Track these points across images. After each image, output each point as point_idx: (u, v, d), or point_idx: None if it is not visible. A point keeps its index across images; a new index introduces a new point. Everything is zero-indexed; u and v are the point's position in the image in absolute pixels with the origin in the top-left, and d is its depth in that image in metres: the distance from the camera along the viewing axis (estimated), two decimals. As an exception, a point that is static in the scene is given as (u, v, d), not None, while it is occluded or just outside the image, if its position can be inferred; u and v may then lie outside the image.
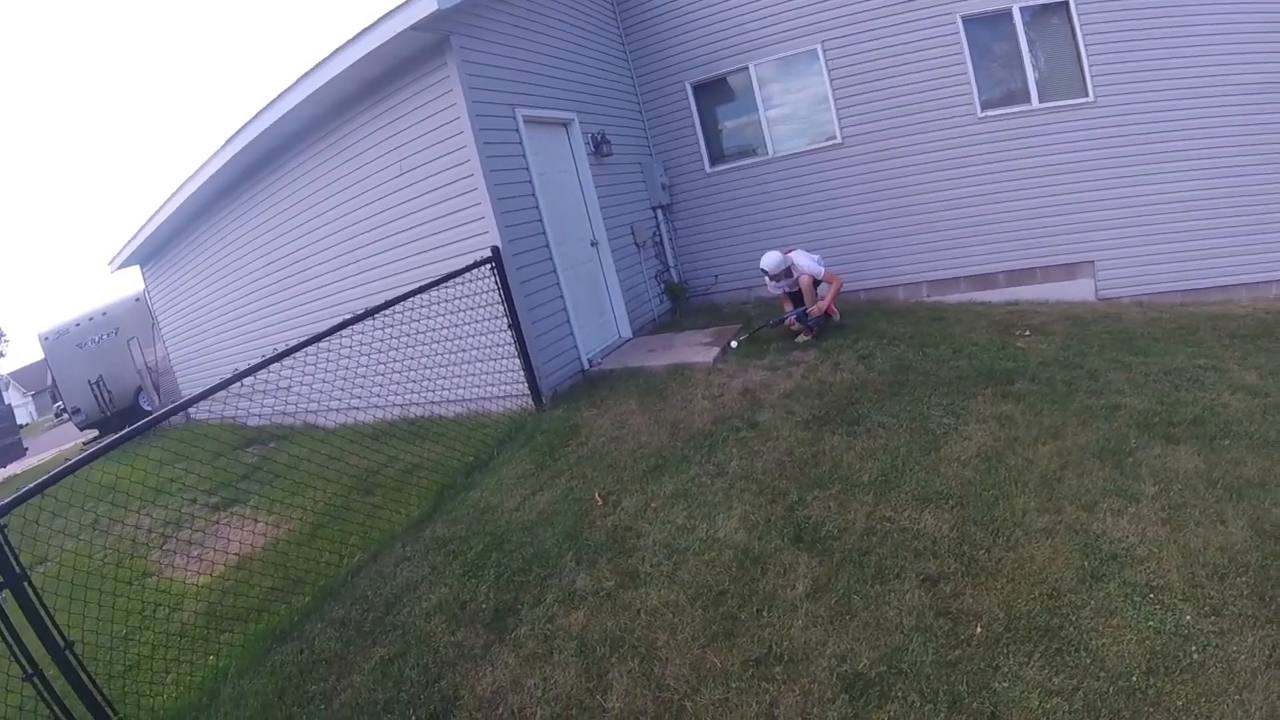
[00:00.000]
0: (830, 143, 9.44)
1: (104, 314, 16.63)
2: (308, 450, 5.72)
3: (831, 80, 9.24)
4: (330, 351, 5.15)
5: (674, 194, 10.31)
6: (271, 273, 9.09)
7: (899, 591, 3.48)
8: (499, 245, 6.38)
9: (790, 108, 9.73)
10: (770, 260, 7.05)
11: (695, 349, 7.41)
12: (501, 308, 6.40)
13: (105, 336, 16.30)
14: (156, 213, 10.25)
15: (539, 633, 3.71)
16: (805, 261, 7.12)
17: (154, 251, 11.88)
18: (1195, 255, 8.46)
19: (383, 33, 6.00)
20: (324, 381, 5.74)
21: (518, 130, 7.04)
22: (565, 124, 8.18)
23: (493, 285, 6.34)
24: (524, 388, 6.69)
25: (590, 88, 8.79)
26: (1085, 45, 8.35)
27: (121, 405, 16.20)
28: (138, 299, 15.12)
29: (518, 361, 6.57)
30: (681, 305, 9.96)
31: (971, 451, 4.65)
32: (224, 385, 4.42)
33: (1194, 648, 2.79)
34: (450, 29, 6.28)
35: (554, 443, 5.87)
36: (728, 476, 4.80)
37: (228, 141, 8.01)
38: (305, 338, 4.90)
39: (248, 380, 4.43)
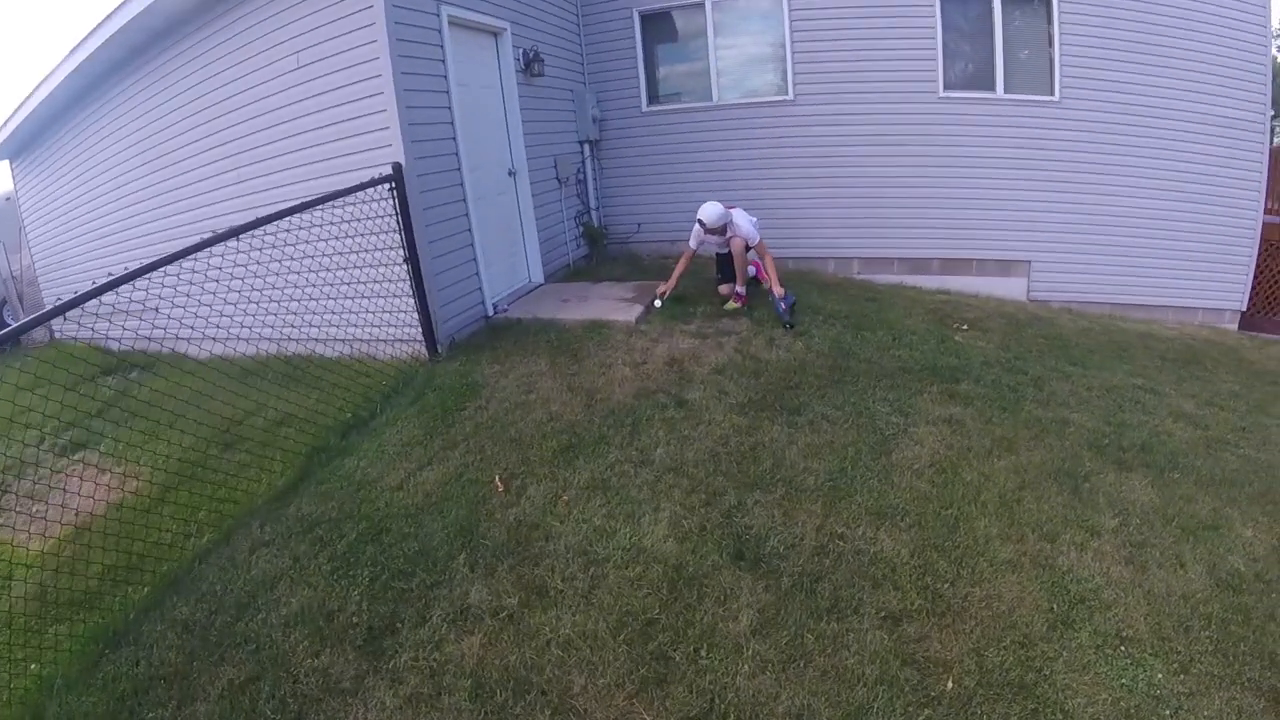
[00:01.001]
0: (781, 98, 8.73)
1: None
2: (170, 385, 4.72)
3: (792, 30, 8.50)
4: (198, 273, 4.10)
5: (605, 130, 9.37)
6: (145, 176, 7.70)
7: (858, 631, 2.97)
8: (402, 162, 5.39)
9: (743, 55, 8.95)
10: (711, 212, 6.28)
11: (615, 304, 6.63)
12: (398, 236, 5.44)
13: (-33, 238, 14.09)
14: (26, 99, 8.63)
15: (424, 664, 2.92)
16: (743, 222, 6.41)
17: (24, 145, 10.07)
18: (1129, 271, 8.54)
19: None
20: (194, 305, 4.71)
21: (440, 31, 6.01)
22: (496, 33, 7.14)
23: (390, 209, 5.36)
24: (417, 332, 5.77)
25: (529, -4, 7.75)
26: (1060, 43, 8.07)
27: None
28: (7, 198, 13.06)
29: (412, 301, 5.64)
30: (599, 252, 9.13)
31: (925, 460, 4.22)
32: (75, 302, 3.47)
33: (1167, 710, 2.63)
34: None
35: (448, 403, 5.03)
36: (654, 466, 4.09)
37: (105, 19, 6.68)
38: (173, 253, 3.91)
39: (109, 299, 3.53)
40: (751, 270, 6.93)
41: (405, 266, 5.52)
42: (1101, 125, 8.20)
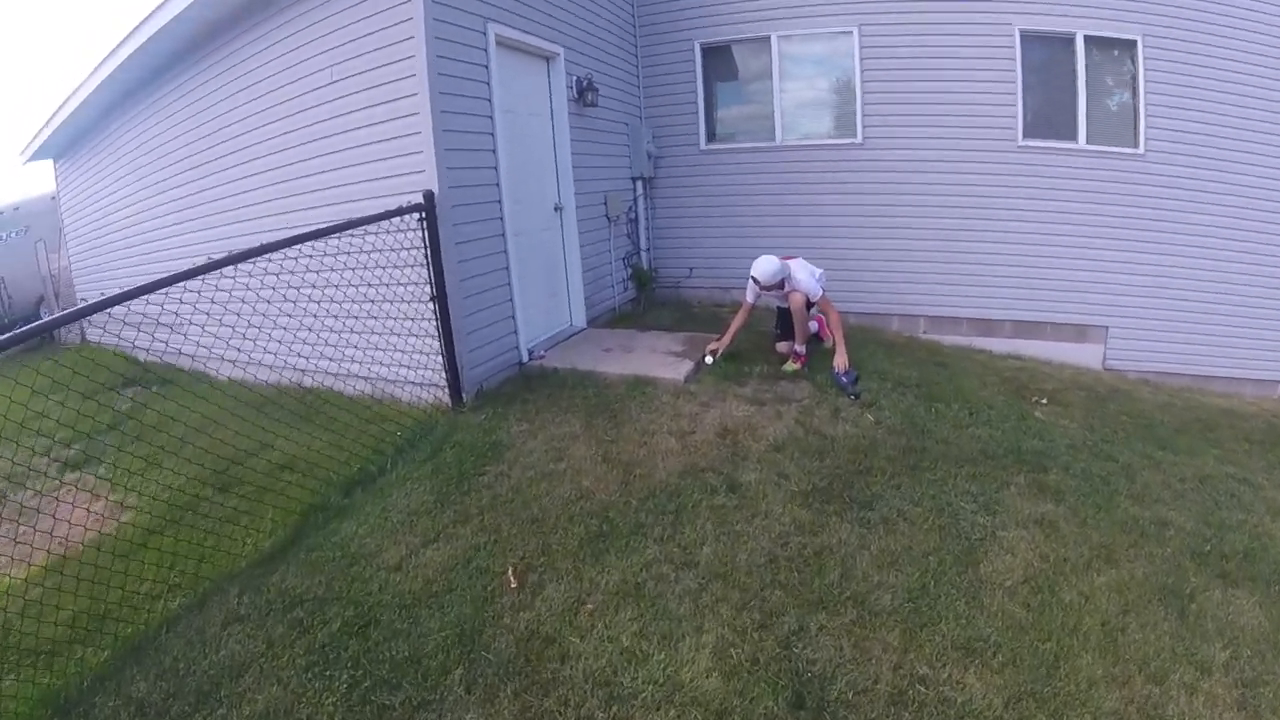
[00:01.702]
0: (848, 140, 8.15)
1: (16, 209, 14.34)
2: (182, 408, 4.33)
3: (863, 70, 7.94)
4: (222, 291, 3.81)
5: (659, 167, 8.83)
6: (178, 187, 7.39)
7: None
8: (435, 191, 4.88)
9: (809, 93, 8.41)
10: (766, 268, 5.65)
11: (662, 358, 6.00)
12: (426, 271, 4.90)
13: (14, 234, 14.07)
14: (68, 99, 8.46)
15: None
16: (804, 276, 5.76)
17: (67, 145, 9.99)
18: (1209, 341, 7.93)
19: None
20: (215, 325, 4.35)
21: (486, 50, 5.52)
22: (548, 58, 6.65)
23: (418, 241, 4.83)
24: (441, 378, 5.21)
25: (585, 21, 7.26)
26: (1146, 91, 7.53)
27: (21, 314, 14.09)
28: (54, 198, 13.11)
29: (437, 344, 5.08)
30: (648, 296, 8.55)
31: (1018, 573, 3.52)
32: (92, 309, 3.36)
33: None
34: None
35: (466, 465, 4.43)
36: (698, 570, 3.42)
37: (139, 25, 6.41)
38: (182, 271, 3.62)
39: (138, 306, 3.35)
40: (813, 326, 6.28)
41: (431, 305, 4.98)
42: (1186, 182, 7.62)
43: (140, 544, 3.84)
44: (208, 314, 4.09)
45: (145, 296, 3.36)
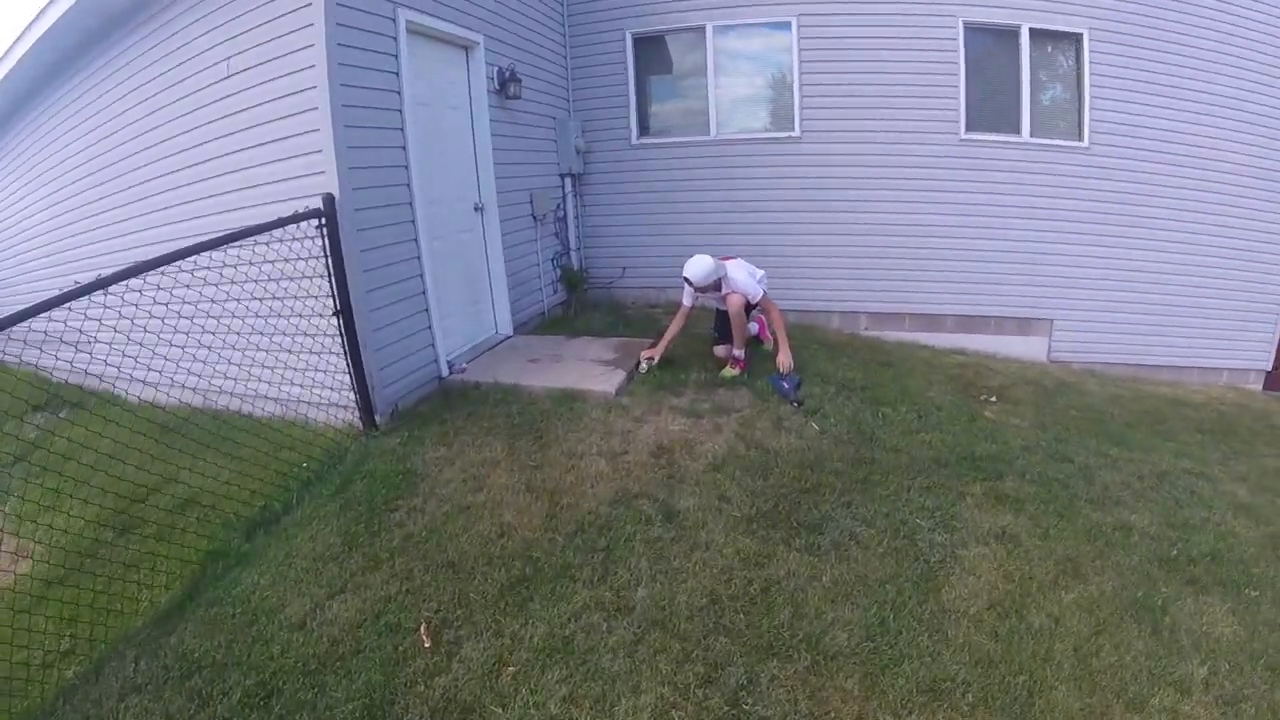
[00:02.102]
0: (786, 134, 7.84)
1: None
2: (89, 436, 3.80)
3: (801, 62, 7.63)
4: (128, 306, 3.46)
5: (589, 163, 8.39)
6: (83, 192, 6.69)
7: None
8: (335, 194, 4.39)
9: (746, 86, 8.08)
10: (698, 269, 5.29)
11: (592, 368, 5.60)
12: (327, 284, 4.42)
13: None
14: None
15: None
16: (741, 276, 5.42)
17: None
18: (1155, 330, 7.95)
19: None
20: (123, 343, 3.85)
21: (396, 39, 5.02)
22: (467, 47, 6.16)
23: (318, 249, 4.35)
24: (351, 398, 4.73)
25: (507, 8, 6.77)
26: (1091, 85, 7.44)
27: None
28: None
29: (344, 362, 4.60)
30: (579, 298, 8.11)
31: (983, 598, 3.27)
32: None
33: None
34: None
35: (377, 499, 3.98)
36: (634, 617, 3.05)
37: (35, 18, 5.76)
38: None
39: (38, 325, 3.10)
40: (753, 327, 5.96)
41: (336, 319, 4.49)
42: (1131, 175, 7.56)
43: (39, 598, 3.51)
44: (114, 330, 3.64)
45: (46, 314, 3.09)
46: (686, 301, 5.63)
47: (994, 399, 6.00)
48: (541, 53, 7.59)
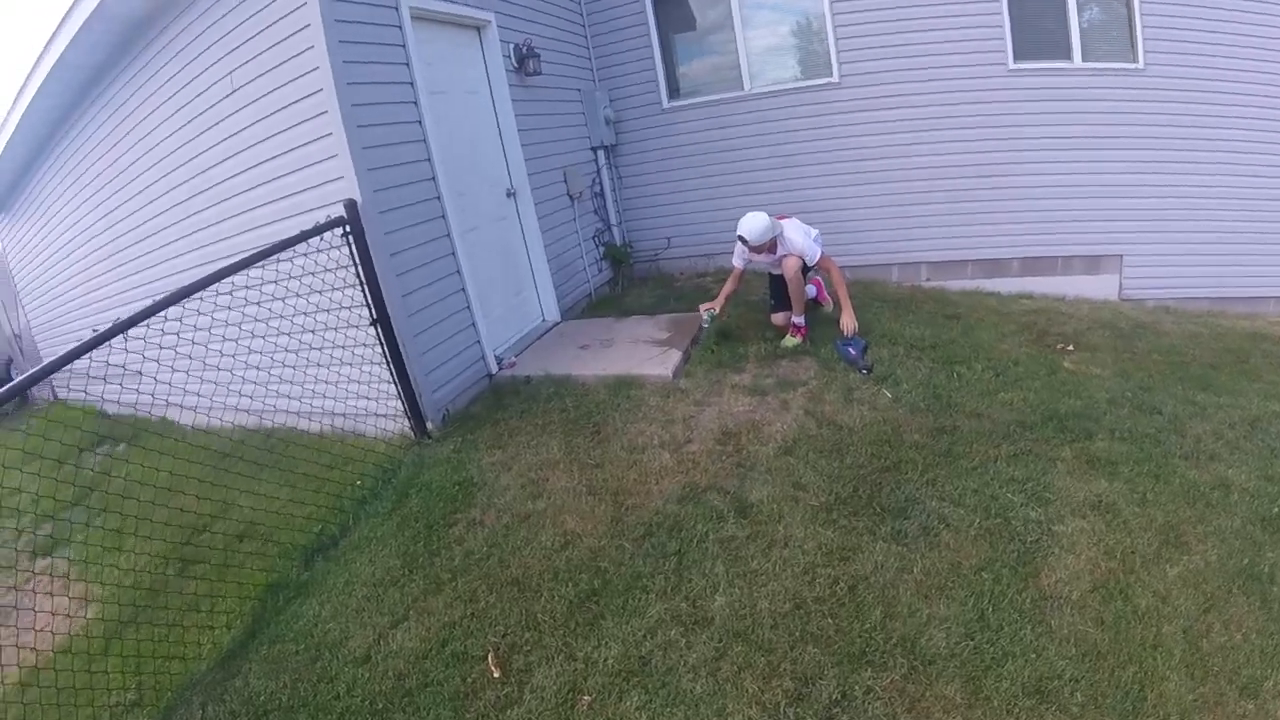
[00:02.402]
0: (824, 80, 7.39)
1: None
2: (147, 469, 3.69)
3: (832, 2, 7.15)
4: (169, 334, 3.40)
5: (621, 132, 8.07)
6: (112, 225, 6.66)
7: None
8: (357, 199, 4.19)
9: (776, 34, 7.61)
10: (754, 226, 4.97)
11: (647, 350, 5.36)
12: (360, 293, 4.24)
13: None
14: None
15: None
16: (798, 237, 5.10)
17: (2, 199, 9.17)
18: (1229, 261, 7.30)
19: None
20: (169, 372, 3.69)
21: (401, 28, 4.76)
22: (478, 27, 5.89)
23: (346, 259, 4.16)
24: (399, 407, 4.58)
25: (517, -19, 6.47)
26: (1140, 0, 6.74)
27: None
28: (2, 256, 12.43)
29: (387, 371, 4.43)
30: (625, 274, 7.86)
31: (1085, 580, 2.98)
32: (48, 371, 3.05)
33: None
34: None
35: (435, 514, 3.82)
36: (713, 630, 2.83)
37: (41, 54, 5.62)
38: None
39: (97, 355, 3.09)
40: (810, 290, 5.65)
41: (374, 329, 4.32)
42: (1192, 94, 6.90)
43: (106, 643, 3.53)
44: (157, 361, 3.56)
45: (88, 354, 3.06)
46: (738, 263, 5.34)
47: (1070, 347, 5.61)
48: (558, 24, 7.26)
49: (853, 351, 4.92)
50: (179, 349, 3.51)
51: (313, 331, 4.33)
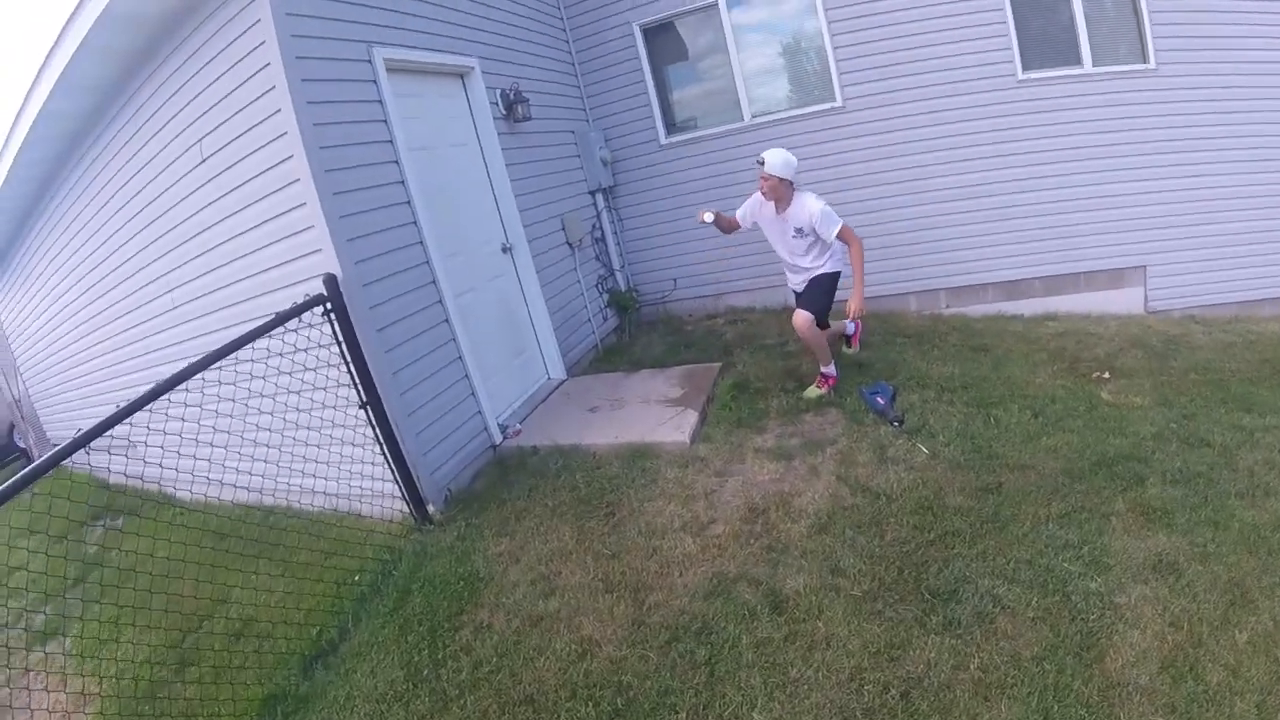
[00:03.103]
0: (827, 106, 7.11)
1: None
2: (145, 547, 3.62)
3: (829, 23, 6.91)
4: (158, 416, 3.19)
5: (619, 172, 7.81)
6: (97, 296, 6.45)
7: None
8: (337, 273, 3.90)
9: (773, 61, 7.36)
10: (776, 154, 4.63)
11: (660, 411, 5.02)
12: (346, 371, 3.94)
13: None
14: None
15: None
16: (815, 204, 4.70)
17: None
18: (1254, 262, 6.99)
19: None
20: (168, 445, 3.43)
21: (376, 83, 4.48)
22: (461, 74, 5.62)
23: (329, 336, 3.87)
24: (396, 489, 4.25)
25: (501, 24, 6.19)
26: None
27: None
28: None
29: (380, 453, 4.12)
30: (631, 320, 7.55)
31: (1153, 659, 2.68)
32: (67, 452, 2.90)
33: None
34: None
35: (439, 613, 3.50)
36: (756, 765, 2.48)
37: (13, 124, 5.37)
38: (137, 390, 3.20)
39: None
40: (849, 326, 5.41)
41: (364, 411, 4.01)
42: (1206, 89, 6.62)
43: None
44: (145, 444, 3.29)
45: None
46: (742, 219, 5.08)
47: (1106, 375, 5.32)
48: (546, 65, 7.02)
49: (881, 401, 4.60)
50: (168, 429, 3.24)
51: (302, 410, 4.04)
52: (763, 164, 4.64)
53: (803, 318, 4.70)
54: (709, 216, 4.89)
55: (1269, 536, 3.23)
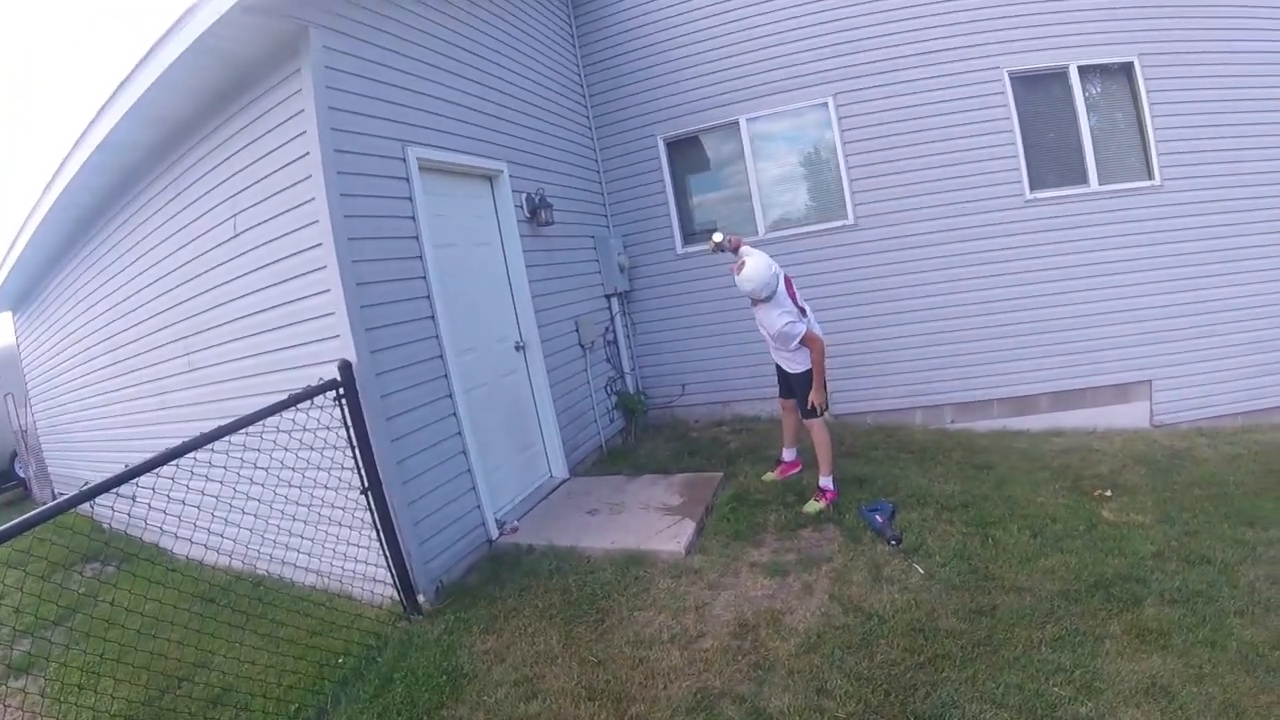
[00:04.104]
0: (839, 224, 7.37)
1: None
2: (133, 599, 3.67)
3: (844, 144, 7.24)
4: (156, 482, 3.23)
5: (635, 279, 8.04)
6: (115, 348, 6.66)
7: None
8: (352, 360, 4.02)
9: (789, 177, 7.68)
10: (748, 270, 4.83)
11: (657, 519, 5.01)
12: (351, 455, 4.01)
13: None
14: (8, 252, 7.87)
15: None
16: (775, 320, 4.88)
17: (19, 300, 9.44)
18: (1259, 372, 7.15)
19: (205, 18, 3.73)
20: (165, 503, 3.46)
21: (408, 180, 4.72)
22: (490, 177, 5.90)
23: (338, 421, 3.96)
24: (388, 575, 4.25)
25: (530, 130, 6.52)
26: (1151, 115, 6.89)
27: None
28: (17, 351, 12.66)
29: (377, 539, 4.14)
30: (638, 423, 7.61)
31: None
32: (74, 502, 2.93)
33: None
34: (310, 17, 4.04)
35: (419, 707, 3.43)
36: None
37: (53, 177, 5.71)
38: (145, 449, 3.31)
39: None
40: (789, 455, 5.57)
41: (365, 497, 4.06)
42: (1210, 206, 6.94)
43: None
44: (149, 506, 3.31)
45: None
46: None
47: (1109, 492, 5.30)
48: (572, 171, 7.32)
49: (879, 519, 4.60)
50: (171, 494, 3.32)
51: (303, 489, 4.10)
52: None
53: (811, 424, 4.90)
54: (718, 237, 5.18)
55: (1267, 655, 3.20)
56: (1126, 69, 6.96)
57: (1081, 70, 6.94)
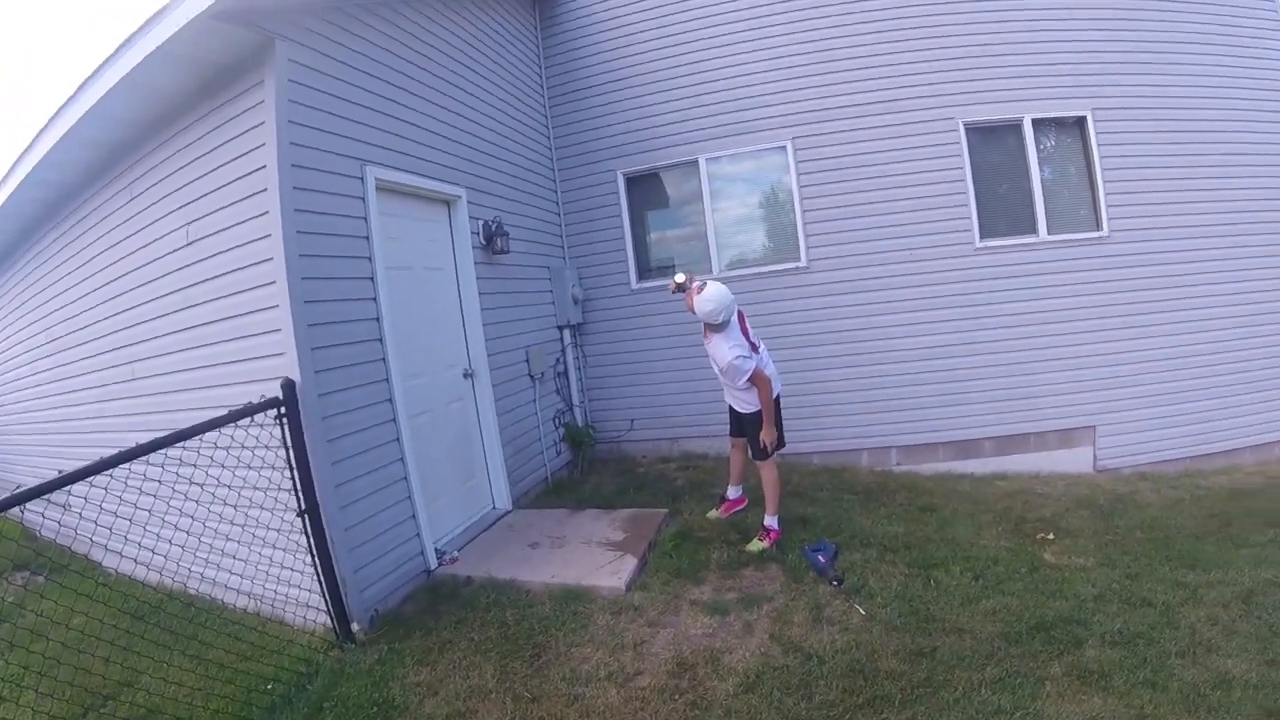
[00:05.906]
0: (793, 266, 7.46)
1: None
2: (62, 611, 3.69)
3: (800, 187, 7.38)
4: (89, 491, 3.10)
5: (589, 311, 8.03)
6: (54, 354, 6.49)
7: None
8: (296, 379, 3.92)
9: (746, 218, 7.81)
10: (707, 296, 4.72)
11: (599, 554, 4.94)
12: (290, 476, 3.90)
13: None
14: None
15: None
16: (725, 352, 4.76)
17: None
18: (1203, 418, 7.45)
19: (173, 23, 3.66)
20: (98, 516, 3.41)
21: (364, 200, 4.67)
22: (448, 202, 5.86)
23: (278, 440, 3.85)
24: (321, 600, 4.11)
25: (491, 158, 6.52)
26: (1102, 169, 7.19)
27: None
28: None
29: (312, 564, 4.01)
30: (585, 456, 7.54)
31: None
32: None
33: None
34: (277, 29, 4.01)
35: (345, 742, 3.32)
36: None
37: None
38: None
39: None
40: (734, 492, 5.57)
41: (301, 519, 3.94)
42: (1156, 256, 7.26)
43: None
44: (79, 516, 3.30)
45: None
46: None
47: (1051, 535, 5.39)
48: (531, 200, 7.32)
49: (822, 559, 4.60)
50: (104, 503, 3.22)
51: (237, 507, 4.00)
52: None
53: (762, 465, 4.92)
54: (680, 277, 5.01)
55: (1208, 694, 3.23)
56: (1080, 122, 7.25)
57: (1035, 123, 7.22)
